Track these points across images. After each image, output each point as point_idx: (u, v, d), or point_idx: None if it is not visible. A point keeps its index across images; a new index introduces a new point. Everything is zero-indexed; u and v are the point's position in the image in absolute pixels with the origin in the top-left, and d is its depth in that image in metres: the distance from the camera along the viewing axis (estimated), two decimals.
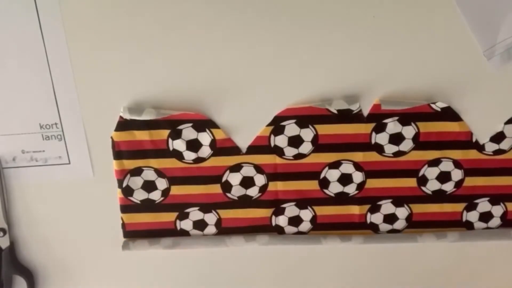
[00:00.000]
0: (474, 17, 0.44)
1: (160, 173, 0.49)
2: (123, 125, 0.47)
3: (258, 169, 0.50)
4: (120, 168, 0.49)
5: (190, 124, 0.48)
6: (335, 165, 0.49)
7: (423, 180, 0.50)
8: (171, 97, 0.47)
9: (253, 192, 0.51)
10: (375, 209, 0.51)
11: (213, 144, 0.48)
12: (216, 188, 0.50)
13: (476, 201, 0.51)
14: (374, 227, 0.52)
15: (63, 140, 0.49)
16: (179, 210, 0.51)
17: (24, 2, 0.43)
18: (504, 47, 0.45)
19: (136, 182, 0.50)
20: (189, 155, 0.49)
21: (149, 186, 0.50)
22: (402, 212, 0.51)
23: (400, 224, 0.52)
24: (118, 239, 0.52)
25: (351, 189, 0.50)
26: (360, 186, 0.50)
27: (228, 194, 0.51)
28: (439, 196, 0.50)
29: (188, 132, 0.48)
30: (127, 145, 0.48)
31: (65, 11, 0.44)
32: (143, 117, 0.47)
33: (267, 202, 0.51)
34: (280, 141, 0.48)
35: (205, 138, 0.48)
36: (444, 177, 0.50)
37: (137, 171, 0.49)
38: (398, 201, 0.51)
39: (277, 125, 0.48)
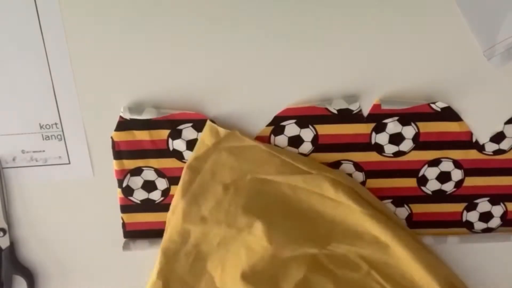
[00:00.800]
0: (474, 17, 0.44)
1: (160, 173, 0.49)
2: (123, 125, 0.47)
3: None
4: (120, 168, 0.49)
5: (190, 124, 0.48)
6: (335, 165, 0.49)
7: (423, 180, 0.50)
8: (171, 97, 0.47)
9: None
10: None
11: None
12: None
13: (476, 201, 0.51)
14: None
15: (63, 140, 0.49)
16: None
17: (24, 2, 0.43)
18: (504, 47, 0.45)
19: (136, 182, 0.50)
20: (189, 155, 0.49)
21: (149, 186, 0.50)
22: (402, 212, 0.51)
23: None
24: (118, 239, 0.52)
25: None
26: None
27: None
28: (439, 196, 0.50)
29: (188, 132, 0.48)
30: (127, 145, 0.48)
31: (65, 10, 0.44)
32: (143, 116, 0.47)
33: None
34: (280, 141, 0.48)
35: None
36: (444, 177, 0.50)
37: (137, 171, 0.49)
38: (398, 201, 0.51)
39: (277, 125, 0.48)
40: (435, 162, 0.49)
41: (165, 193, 0.50)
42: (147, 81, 0.46)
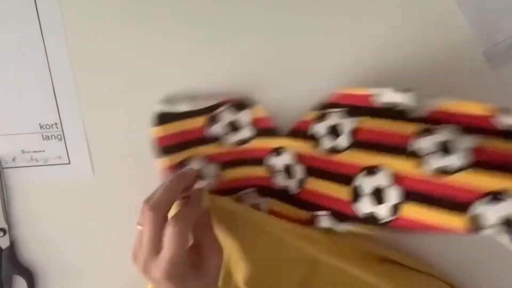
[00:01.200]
0: (474, 17, 0.44)
1: (208, 159, 0.47)
2: (160, 119, 0.46)
3: (297, 156, 0.46)
4: (169, 164, 0.47)
5: (227, 106, 0.46)
6: (371, 172, 0.41)
7: None
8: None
9: (293, 183, 0.46)
10: None
11: (252, 124, 0.46)
12: (260, 171, 0.48)
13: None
14: None
15: (63, 140, 0.49)
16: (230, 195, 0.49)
17: (24, 2, 0.43)
18: (504, 47, 0.45)
19: None
20: (232, 138, 0.47)
21: (199, 174, 0.48)
22: None
23: None
24: (118, 239, 0.52)
25: (383, 212, 0.41)
26: (395, 209, 0.40)
27: (273, 181, 0.48)
28: None
29: (227, 115, 0.46)
30: (168, 139, 0.46)
31: (65, 11, 0.44)
32: (180, 109, 0.45)
33: (304, 203, 0.46)
34: (320, 129, 0.44)
35: (243, 117, 0.46)
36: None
37: (185, 163, 0.47)
38: None
39: (320, 110, 0.45)
40: None
41: (217, 179, 0.48)
42: (147, 80, 0.46)
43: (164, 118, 0.46)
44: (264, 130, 0.47)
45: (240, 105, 0.46)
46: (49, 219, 0.52)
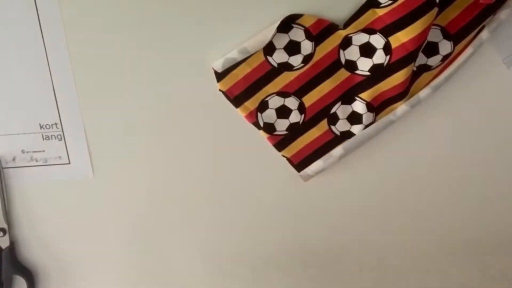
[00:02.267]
0: (493, 26, 0.44)
1: (283, 94, 0.47)
2: (221, 73, 0.45)
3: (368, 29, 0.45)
4: (247, 112, 0.47)
5: (275, 32, 0.44)
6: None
7: None
8: None
9: (382, 59, 0.45)
10: None
11: (308, 34, 0.45)
12: (344, 74, 0.47)
13: None
14: None
15: (63, 140, 0.49)
16: (326, 115, 0.48)
17: (24, 2, 0.43)
18: None
19: (270, 116, 0.47)
20: (297, 60, 0.46)
21: (283, 111, 0.47)
22: None
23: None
24: (118, 238, 0.52)
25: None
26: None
27: (358, 72, 0.47)
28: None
29: (281, 40, 0.45)
30: (237, 88, 0.46)
31: (65, 10, 0.44)
32: (237, 58, 0.45)
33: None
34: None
35: (298, 34, 0.45)
36: None
37: (263, 106, 0.47)
38: None
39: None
40: None
41: (301, 109, 0.48)
42: (147, 81, 0.46)
43: (224, 72, 0.45)
44: (322, 32, 0.45)
45: (286, 25, 0.44)
46: (49, 219, 0.52)
